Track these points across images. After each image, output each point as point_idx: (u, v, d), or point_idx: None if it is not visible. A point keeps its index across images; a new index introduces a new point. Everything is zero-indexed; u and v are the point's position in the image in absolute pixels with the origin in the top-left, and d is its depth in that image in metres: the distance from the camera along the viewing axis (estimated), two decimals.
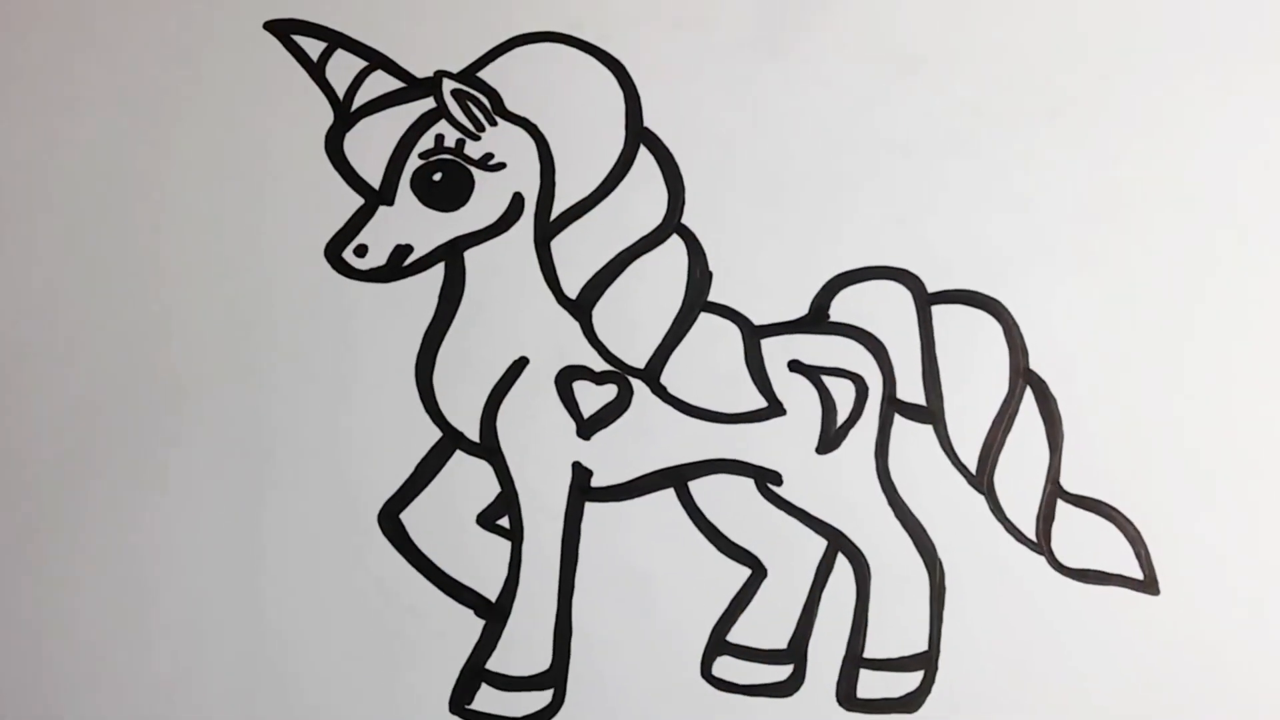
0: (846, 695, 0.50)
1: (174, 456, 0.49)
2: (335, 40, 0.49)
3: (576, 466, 0.49)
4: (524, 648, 0.49)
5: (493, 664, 0.49)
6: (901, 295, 0.50)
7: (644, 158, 0.50)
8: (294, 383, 0.49)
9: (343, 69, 0.49)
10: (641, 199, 0.49)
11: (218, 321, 0.49)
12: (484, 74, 0.50)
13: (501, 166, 0.49)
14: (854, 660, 0.50)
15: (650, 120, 0.50)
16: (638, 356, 0.49)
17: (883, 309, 0.49)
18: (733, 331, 0.49)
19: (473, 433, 0.49)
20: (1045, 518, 0.49)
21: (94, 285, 0.50)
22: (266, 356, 0.49)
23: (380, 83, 0.49)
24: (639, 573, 0.49)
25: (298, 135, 0.49)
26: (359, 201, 0.49)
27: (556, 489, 0.49)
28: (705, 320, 0.49)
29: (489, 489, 0.49)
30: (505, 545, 0.49)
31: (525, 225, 0.49)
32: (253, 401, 0.49)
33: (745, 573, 0.50)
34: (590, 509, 0.49)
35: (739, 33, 0.50)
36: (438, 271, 0.49)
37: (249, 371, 0.49)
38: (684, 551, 0.49)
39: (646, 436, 0.49)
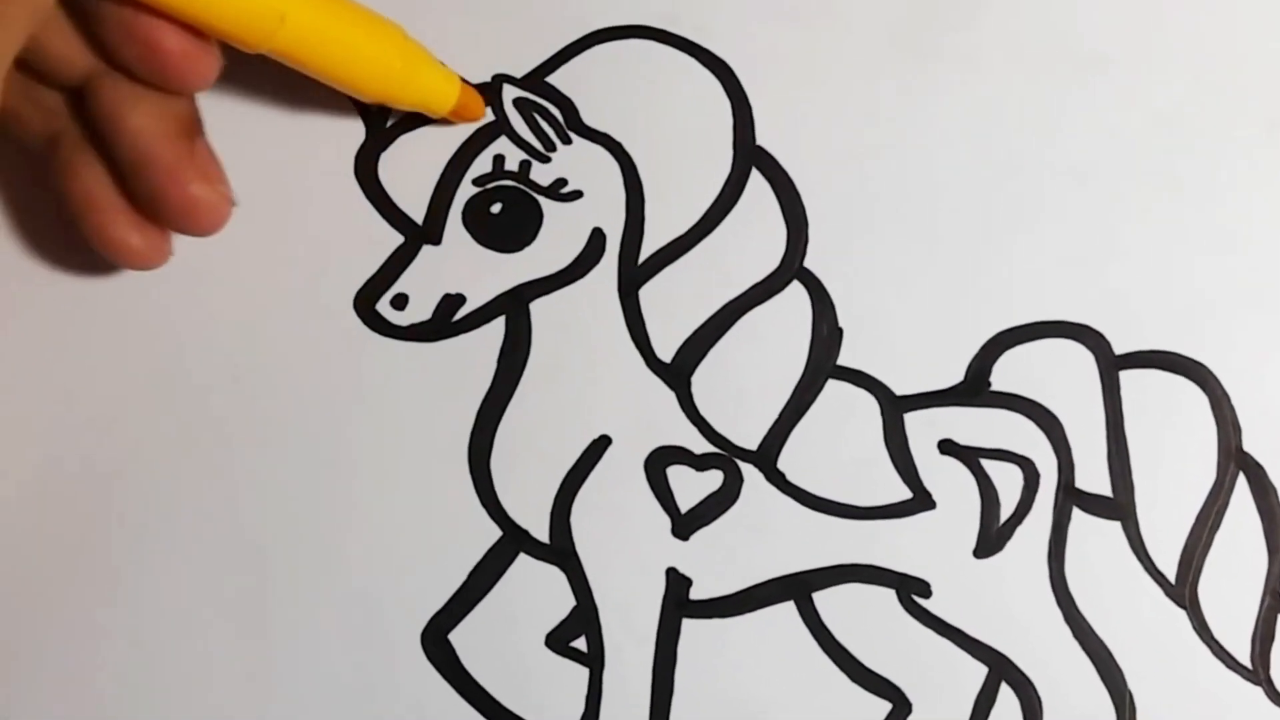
0: None
1: (158, 553, 0.39)
2: None
3: (671, 574, 0.39)
4: None
5: None
6: (1081, 358, 0.40)
7: (756, 184, 0.40)
8: (314, 467, 0.39)
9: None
10: (753, 236, 0.39)
11: (214, 388, 0.39)
12: (555, 79, 0.40)
13: (577, 195, 0.39)
14: None
15: (764, 137, 0.40)
16: (749, 435, 0.39)
17: (1057, 376, 0.40)
18: (868, 403, 0.40)
19: (541, 531, 0.39)
20: (1263, 638, 0.40)
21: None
22: (278, 434, 0.39)
23: None
24: (750, 707, 0.39)
25: (318, 155, 0.39)
26: (397, 240, 0.39)
27: (646, 602, 0.39)
28: (834, 389, 0.40)
29: (561, 602, 0.39)
30: (582, 673, 0.39)
31: (607, 269, 0.39)
32: (259, 491, 0.39)
33: (885, 707, 0.40)
34: (688, 627, 0.39)
35: (876, 27, 0.40)
36: (497, 328, 0.39)
37: (257, 453, 0.39)
38: (807, 680, 0.39)
39: (760, 536, 0.39)
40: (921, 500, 0.39)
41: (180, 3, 0.29)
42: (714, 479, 0.39)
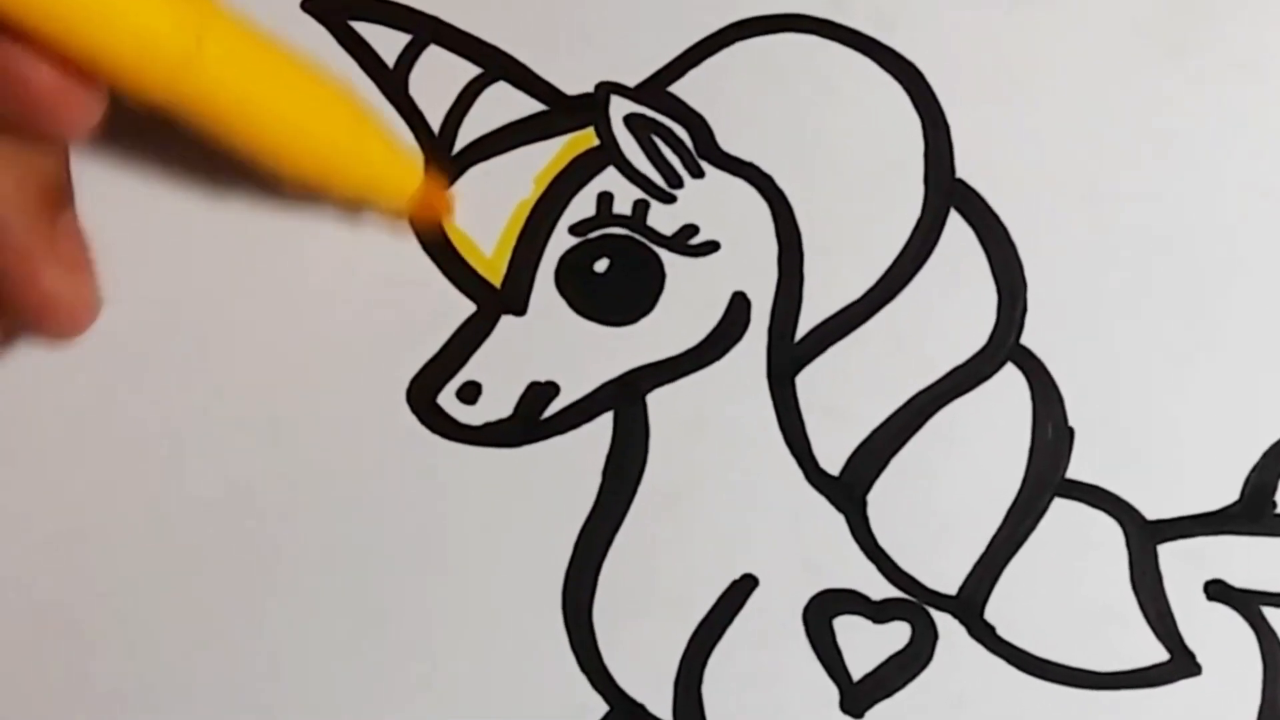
0: None
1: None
2: (425, 31, 0.34)
3: None
4: None
5: None
6: None
7: (956, 231, 0.33)
8: (356, 624, 0.32)
9: (438, 80, 0.34)
10: (952, 303, 0.33)
11: (221, 514, 0.33)
12: (679, 88, 0.34)
13: (712, 248, 0.33)
14: None
15: (966, 167, 0.33)
16: (945, 574, 0.33)
17: None
18: (1110, 531, 0.33)
19: (663, 707, 0.33)
20: None
21: None
22: (306, 580, 0.32)
23: (502, 103, 0.34)
24: None
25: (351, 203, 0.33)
26: (467, 309, 0.33)
27: None
28: (1062, 511, 0.33)
29: None
30: None
31: (753, 348, 0.33)
32: (283, 658, 0.32)
33: None
34: None
35: (1119, 15, 0.34)
36: (602, 429, 0.33)
37: (279, 606, 0.32)
38: None
39: (961, 710, 0.33)
40: (1182, 663, 0.33)
41: (54, 26, 0.25)
42: (898, 634, 0.33)
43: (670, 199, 0.33)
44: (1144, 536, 0.33)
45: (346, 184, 0.31)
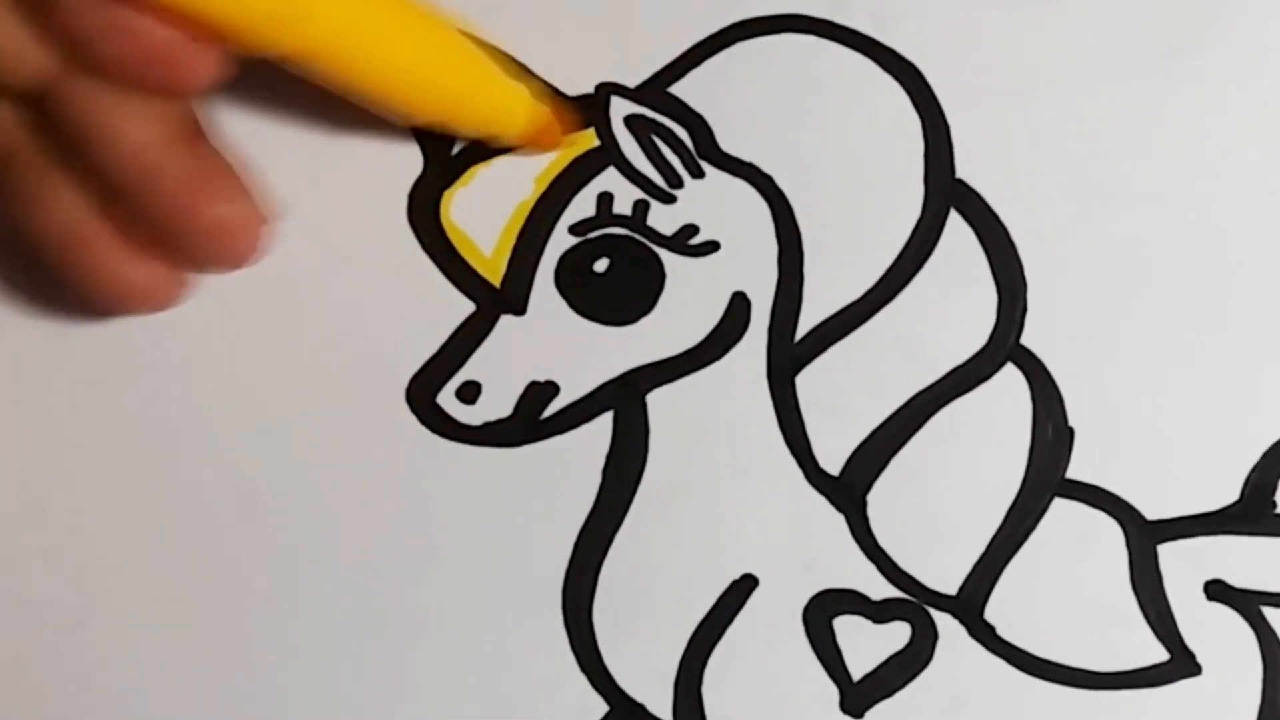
0: None
1: None
2: None
3: None
4: None
5: None
6: None
7: (956, 232, 0.33)
8: (355, 621, 0.32)
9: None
10: (952, 303, 0.33)
11: (220, 513, 0.33)
12: (679, 88, 0.33)
13: (712, 248, 0.33)
14: None
15: (966, 168, 0.33)
16: (945, 574, 0.33)
17: None
18: (1110, 531, 0.33)
19: (662, 706, 0.33)
20: None
21: None
22: (305, 576, 0.32)
23: None
24: None
25: (361, 192, 0.33)
26: (467, 308, 0.33)
27: None
28: (1062, 511, 0.33)
29: None
30: None
31: (753, 348, 0.33)
32: (280, 655, 0.32)
33: None
34: None
35: (1124, 16, 0.33)
36: (602, 428, 0.33)
37: (278, 603, 0.32)
38: None
39: (961, 710, 0.33)
40: (1182, 663, 0.33)
41: None
42: (898, 634, 0.33)
43: (670, 199, 0.33)
44: (1144, 536, 0.32)
45: (464, 121, 0.31)
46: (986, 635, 0.32)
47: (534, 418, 0.32)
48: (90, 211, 0.29)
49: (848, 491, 0.32)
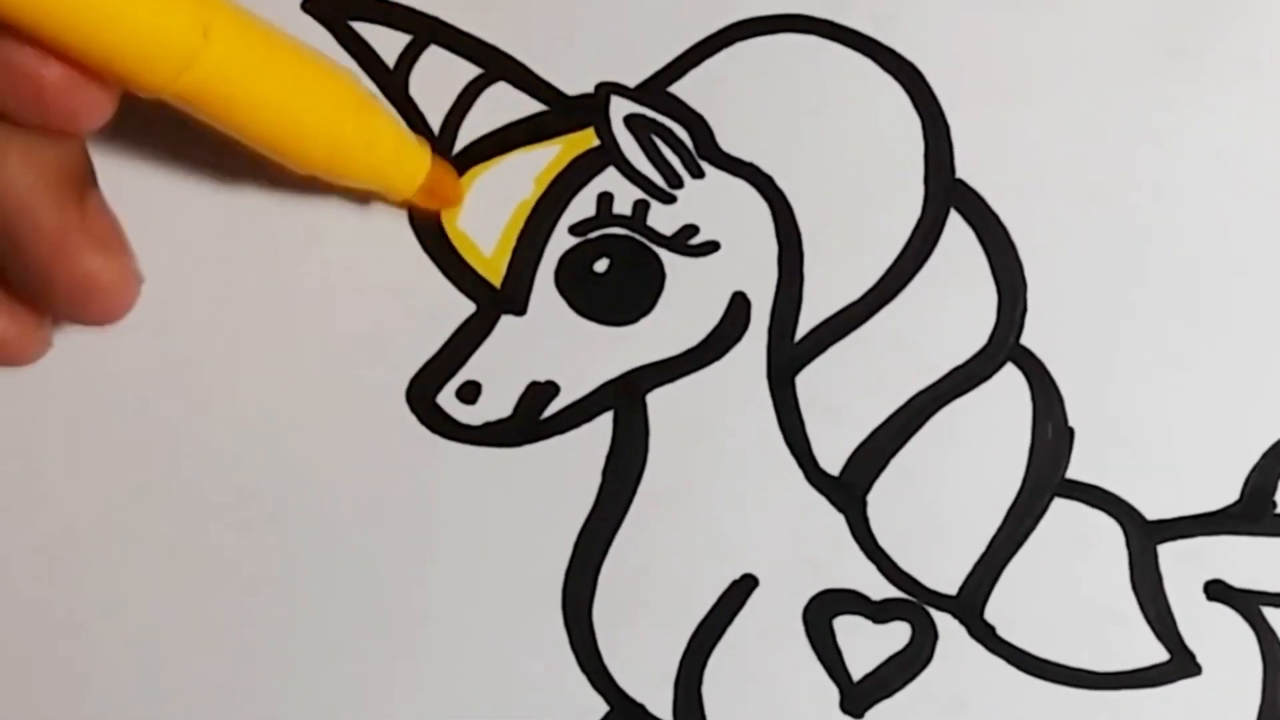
0: None
1: None
2: (425, 31, 0.33)
3: None
4: None
5: None
6: None
7: (956, 232, 0.33)
8: (354, 621, 0.32)
9: (438, 80, 0.33)
10: (951, 303, 0.33)
11: (218, 513, 0.32)
12: (679, 88, 0.33)
13: (712, 248, 0.33)
14: None
15: (966, 168, 0.33)
16: (945, 574, 0.33)
17: None
18: (1110, 531, 0.33)
19: (662, 706, 0.32)
20: None
21: None
22: (305, 576, 0.32)
23: (503, 103, 0.33)
24: None
25: (362, 193, 0.33)
26: (466, 308, 0.33)
27: None
28: (1062, 512, 0.33)
29: None
30: None
31: (752, 349, 0.33)
32: (280, 655, 0.32)
33: None
34: None
35: (1122, 18, 0.33)
36: (602, 429, 0.33)
37: (276, 603, 0.32)
38: None
39: (961, 711, 0.32)
40: (1182, 663, 0.33)
41: (62, 24, 0.25)
42: (898, 634, 0.33)
43: (670, 199, 0.32)
44: (1144, 536, 0.32)
45: (354, 173, 0.31)
46: (986, 635, 0.32)
47: (534, 418, 0.32)
48: None
49: (848, 491, 0.32)
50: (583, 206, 0.32)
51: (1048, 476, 0.32)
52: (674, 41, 0.33)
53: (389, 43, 0.33)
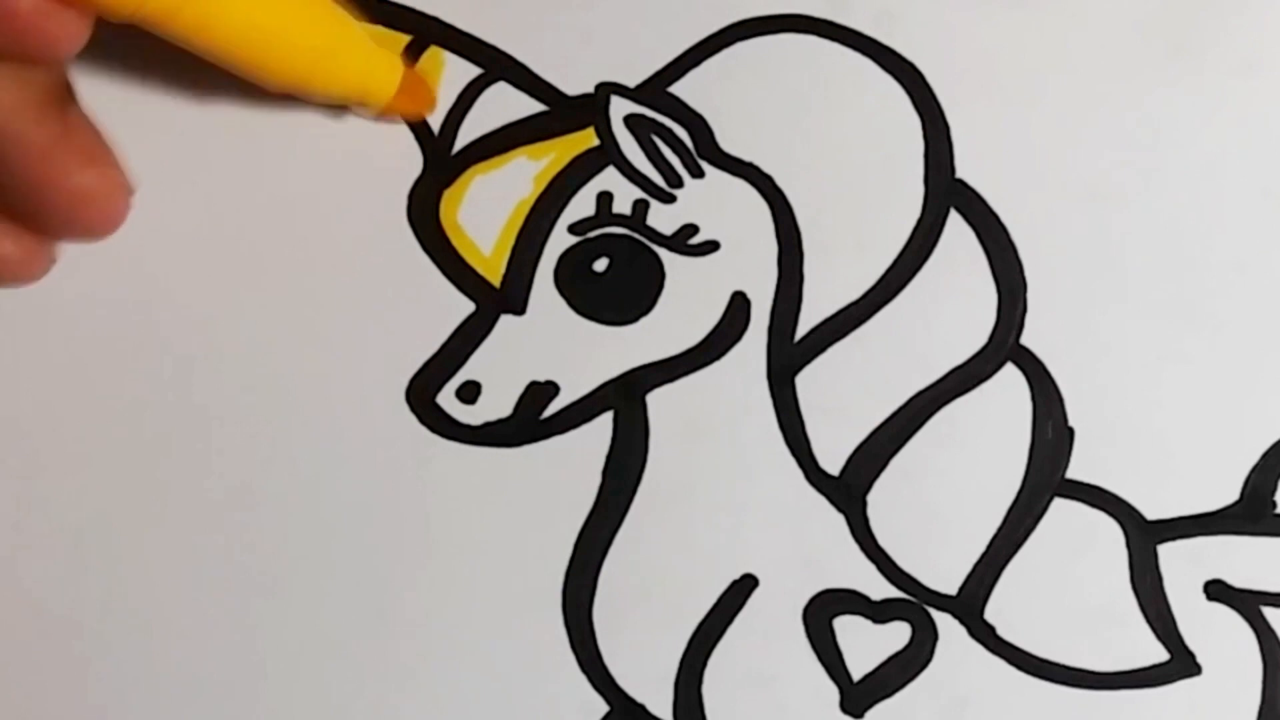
0: None
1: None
2: (425, 31, 0.33)
3: None
4: None
5: None
6: None
7: (956, 231, 0.33)
8: (355, 621, 0.32)
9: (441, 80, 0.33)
10: (951, 303, 0.33)
11: (218, 512, 0.32)
12: (679, 88, 0.33)
13: (711, 247, 0.32)
14: None
15: (966, 168, 0.33)
16: (945, 574, 0.32)
17: None
18: (1110, 531, 0.33)
19: (662, 706, 0.32)
20: None
21: None
22: (305, 575, 0.32)
23: (503, 103, 0.33)
24: None
25: (359, 191, 0.33)
26: (466, 308, 0.33)
27: None
28: (1061, 512, 0.33)
29: None
30: None
31: (752, 348, 0.33)
32: (282, 655, 0.32)
33: None
34: None
35: (1120, 16, 0.33)
36: (602, 428, 0.33)
37: (277, 602, 0.32)
38: None
39: (961, 710, 0.32)
40: (1182, 662, 0.33)
41: None
42: (898, 634, 0.33)
43: (670, 199, 0.32)
44: (1144, 536, 0.32)
45: (329, 85, 0.31)
46: (986, 635, 0.32)
47: (534, 418, 0.32)
48: None
49: (848, 491, 0.32)
50: (582, 206, 0.32)
51: (1048, 476, 0.32)
52: (674, 41, 0.33)
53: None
